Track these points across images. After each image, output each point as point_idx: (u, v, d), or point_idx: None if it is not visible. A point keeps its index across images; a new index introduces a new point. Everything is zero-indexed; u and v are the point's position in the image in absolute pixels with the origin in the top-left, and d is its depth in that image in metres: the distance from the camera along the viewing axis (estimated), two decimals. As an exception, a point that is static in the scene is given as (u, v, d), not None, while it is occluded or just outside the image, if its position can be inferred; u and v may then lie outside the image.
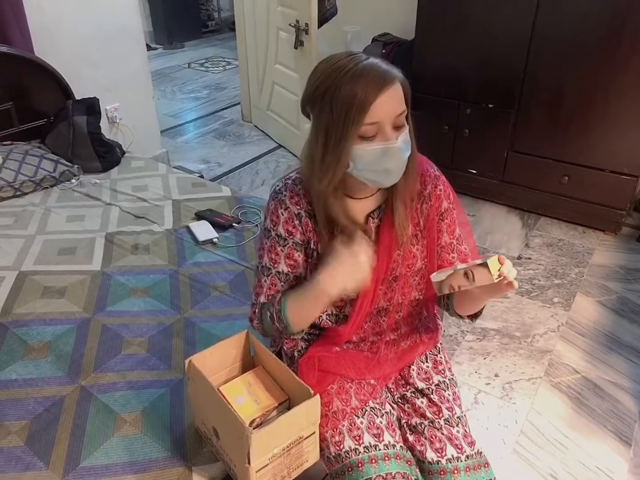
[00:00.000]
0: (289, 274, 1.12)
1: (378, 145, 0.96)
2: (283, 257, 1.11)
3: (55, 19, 2.62)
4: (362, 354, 1.21)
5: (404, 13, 3.45)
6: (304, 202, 1.09)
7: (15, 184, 2.31)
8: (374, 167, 0.98)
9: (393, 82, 0.95)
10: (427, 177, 1.14)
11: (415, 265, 1.15)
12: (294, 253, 1.11)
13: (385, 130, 0.95)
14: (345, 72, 0.94)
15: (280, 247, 1.11)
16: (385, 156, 0.97)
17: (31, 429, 1.27)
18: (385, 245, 1.11)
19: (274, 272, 1.12)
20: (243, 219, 2.17)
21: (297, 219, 1.10)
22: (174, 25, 6.82)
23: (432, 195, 1.14)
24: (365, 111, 0.93)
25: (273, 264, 1.11)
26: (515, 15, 2.61)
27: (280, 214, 1.10)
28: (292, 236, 1.10)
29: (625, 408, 1.84)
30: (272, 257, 1.11)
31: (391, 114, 0.95)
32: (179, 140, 4.12)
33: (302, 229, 1.10)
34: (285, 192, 1.10)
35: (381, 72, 0.94)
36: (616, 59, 2.44)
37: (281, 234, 1.10)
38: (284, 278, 1.12)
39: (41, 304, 1.68)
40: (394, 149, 0.97)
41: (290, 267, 1.12)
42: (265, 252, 1.13)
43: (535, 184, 2.92)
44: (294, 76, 3.51)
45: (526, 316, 2.28)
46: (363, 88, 0.92)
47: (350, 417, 1.12)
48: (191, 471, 1.17)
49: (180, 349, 1.51)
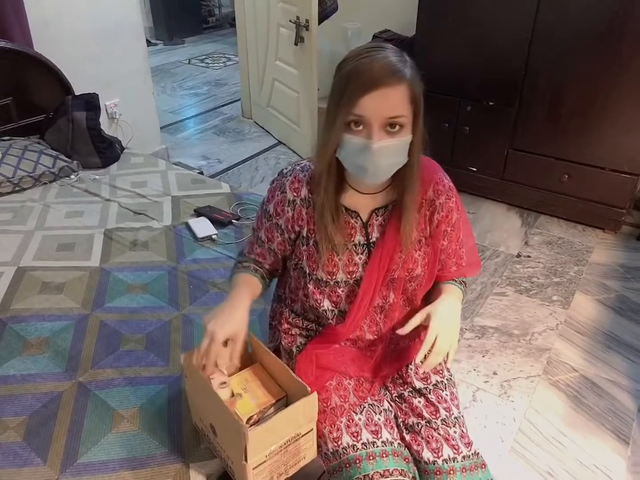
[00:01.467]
0: (264, 242, 1.21)
1: (358, 140, 0.97)
2: (264, 228, 1.20)
3: (55, 14, 2.61)
4: (360, 352, 1.21)
5: (405, 10, 3.44)
6: (304, 189, 1.11)
7: (14, 179, 2.30)
8: (352, 159, 1.00)
9: (392, 83, 0.93)
10: (441, 188, 1.13)
11: (415, 271, 1.15)
12: (274, 230, 1.18)
13: (372, 128, 0.95)
14: (359, 59, 0.95)
15: (265, 220, 1.19)
16: (361, 153, 0.97)
17: (29, 424, 1.27)
18: (388, 246, 1.11)
19: (256, 234, 1.23)
20: (242, 216, 2.17)
21: (289, 205, 1.13)
22: (174, 21, 6.80)
23: (444, 207, 1.13)
24: (352, 101, 0.94)
25: (257, 230, 1.22)
26: (517, 11, 2.60)
27: (276, 194, 1.15)
28: (277, 217, 1.16)
29: (623, 407, 1.85)
30: (258, 224, 1.22)
31: (379, 113, 0.94)
32: (179, 136, 4.11)
33: (293, 215, 1.13)
34: (289, 177, 1.13)
35: (385, 69, 0.94)
36: (617, 57, 2.44)
37: (269, 210, 1.17)
38: (260, 244, 1.22)
39: (39, 300, 1.67)
40: (373, 149, 0.96)
41: (267, 239, 1.20)
42: (257, 219, 1.23)
43: (535, 182, 2.92)
44: (294, 72, 3.50)
45: (525, 314, 2.28)
46: (360, 79, 0.93)
47: (349, 414, 1.12)
48: (188, 468, 1.17)
49: (179, 346, 1.51)
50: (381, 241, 1.11)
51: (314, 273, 1.14)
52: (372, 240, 1.13)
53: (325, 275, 1.13)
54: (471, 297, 2.37)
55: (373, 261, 1.11)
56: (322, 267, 1.12)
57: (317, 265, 1.12)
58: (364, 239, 1.13)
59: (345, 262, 1.12)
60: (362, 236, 1.13)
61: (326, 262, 1.11)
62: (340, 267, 1.12)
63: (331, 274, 1.13)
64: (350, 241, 1.12)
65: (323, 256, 1.10)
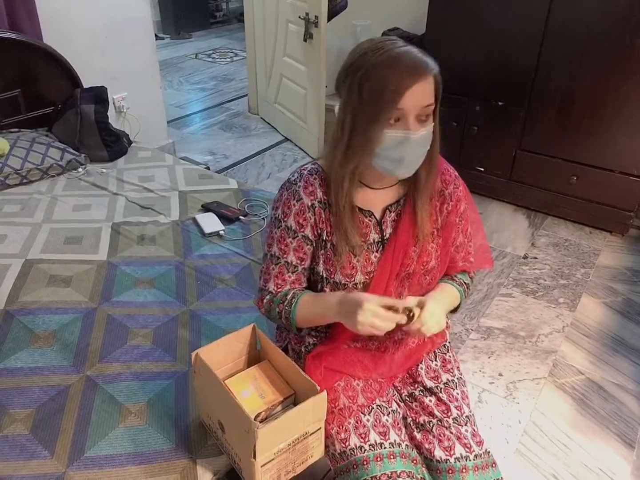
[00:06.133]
0: (297, 265, 1.12)
1: (398, 132, 0.96)
2: (292, 249, 1.11)
3: (64, 8, 2.61)
4: (369, 353, 1.21)
5: (415, 8, 3.43)
6: (318, 192, 1.09)
7: (22, 171, 2.30)
8: (390, 153, 0.99)
9: (428, 72, 0.95)
10: (448, 177, 1.15)
11: (430, 263, 1.15)
12: (304, 246, 1.11)
13: (408, 119, 0.96)
14: (382, 53, 0.94)
15: (290, 239, 1.10)
16: (403, 145, 0.97)
17: (36, 417, 1.27)
18: (402, 241, 1.11)
19: (283, 262, 1.11)
20: (250, 212, 2.17)
21: (310, 211, 1.09)
22: (181, 16, 6.80)
23: (453, 196, 1.14)
24: (397, 97, 0.93)
25: (282, 254, 1.11)
26: (528, 11, 2.58)
27: (292, 205, 1.09)
28: (302, 229, 1.10)
29: (629, 410, 1.84)
30: (281, 248, 1.11)
31: (418, 104, 0.95)
32: (185, 131, 4.10)
33: (315, 219, 1.09)
34: (299, 183, 1.09)
35: (417, 61, 0.94)
36: (629, 59, 2.42)
37: (291, 226, 1.10)
38: (292, 269, 1.12)
39: (47, 293, 1.68)
40: (412, 139, 0.97)
41: (299, 260, 1.12)
42: (274, 242, 1.12)
43: (543, 183, 2.90)
44: (302, 69, 3.49)
45: (531, 316, 2.27)
46: (398, 73, 0.93)
47: (357, 415, 1.11)
48: (195, 464, 1.17)
49: (186, 341, 1.51)
50: (394, 236, 1.11)
51: (331, 277, 1.11)
52: (386, 237, 1.13)
53: (344, 279, 1.11)
54: (477, 298, 2.36)
55: (386, 255, 1.11)
56: (340, 269, 1.10)
57: (335, 269, 1.10)
58: (379, 236, 1.12)
59: (362, 262, 1.11)
60: (377, 234, 1.12)
61: (344, 265, 1.10)
62: (359, 268, 1.11)
63: (349, 276, 1.11)
64: (366, 241, 1.11)
65: (342, 259, 1.09)
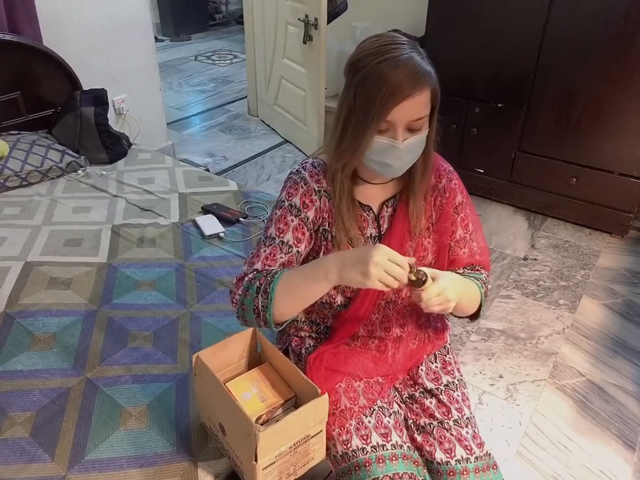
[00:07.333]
0: (292, 246, 1.07)
1: (384, 140, 0.99)
2: (291, 228, 1.07)
3: (64, 9, 2.61)
4: (370, 353, 1.21)
5: (414, 10, 3.43)
6: (323, 181, 1.10)
7: (21, 173, 2.30)
8: (377, 157, 1.01)
9: (424, 88, 0.96)
10: (442, 171, 1.17)
11: (426, 258, 1.15)
12: (303, 227, 1.08)
13: (397, 130, 0.98)
14: (382, 60, 0.94)
15: (291, 217, 1.08)
16: (388, 152, 1.00)
17: (36, 420, 1.26)
18: (398, 235, 1.11)
19: (277, 241, 1.07)
20: (250, 214, 2.17)
21: (316, 194, 1.09)
22: (181, 18, 6.80)
23: (446, 189, 1.16)
24: (386, 111, 0.95)
25: (279, 233, 1.07)
26: (527, 13, 2.58)
27: (300, 187, 1.09)
28: (306, 209, 1.08)
29: (630, 412, 1.84)
30: (280, 227, 1.07)
31: (407, 118, 0.97)
32: (185, 133, 4.10)
33: (320, 205, 1.10)
34: (304, 172, 1.11)
35: (414, 75, 0.94)
36: (629, 60, 2.42)
37: (295, 204, 1.08)
38: (286, 249, 1.07)
39: (47, 295, 1.67)
40: (397, 149, 0.99)
41: (296, 240, 1.07)
42: (272, 224, 1.09)
43: (542, 185, 2.90)
44: (301, 71, 3.49)
45: (531, 317, 2.27)
46: (392, 88, 0.93)
47: (358, 416, 1.11)
48: (196, 466, 1.16)
49: (186, 344, 1.51)
50: (389, 229, 1.12)
51: None
52: (383, 232, 1.14)
53: None
54: (477, 300, 2.36)
55: None
56: None
57: None
58: (376, 231, 1.14)
59: None
60: (375, 229, 1.14)
61: None
62: None
63: None
64: (364, 234, 1.12)
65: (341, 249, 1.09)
